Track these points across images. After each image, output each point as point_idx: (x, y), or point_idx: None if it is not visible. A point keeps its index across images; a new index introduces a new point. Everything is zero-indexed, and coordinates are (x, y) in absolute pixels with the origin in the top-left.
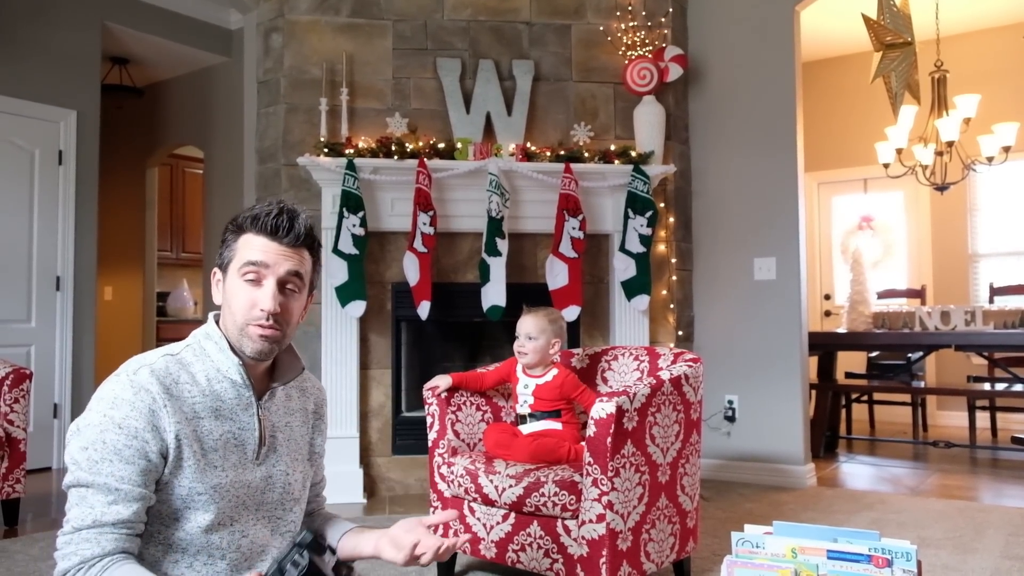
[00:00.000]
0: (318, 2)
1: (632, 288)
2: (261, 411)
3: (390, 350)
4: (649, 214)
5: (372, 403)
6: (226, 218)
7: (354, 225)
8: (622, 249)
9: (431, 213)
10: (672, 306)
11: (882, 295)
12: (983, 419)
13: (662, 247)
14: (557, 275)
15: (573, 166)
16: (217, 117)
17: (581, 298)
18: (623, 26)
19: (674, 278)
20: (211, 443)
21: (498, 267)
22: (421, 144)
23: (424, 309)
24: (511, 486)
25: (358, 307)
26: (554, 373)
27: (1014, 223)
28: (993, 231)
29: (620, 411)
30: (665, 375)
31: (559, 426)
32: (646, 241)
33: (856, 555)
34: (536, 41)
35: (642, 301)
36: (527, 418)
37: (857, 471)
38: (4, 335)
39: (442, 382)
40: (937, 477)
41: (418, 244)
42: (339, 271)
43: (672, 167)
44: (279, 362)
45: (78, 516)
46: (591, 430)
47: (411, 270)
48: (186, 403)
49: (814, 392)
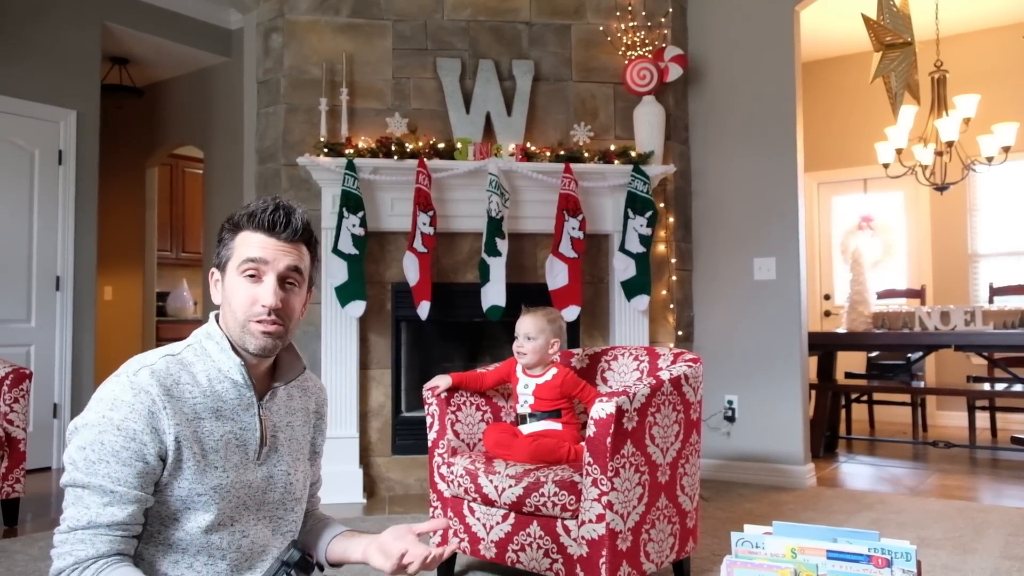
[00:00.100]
0: (318, 2)
1: (632, 288)
2: (262, 411)
3: (390, 350)
4: (649, 214)
5: (372, 403)
6: (226, 218)
7: (354, 225)
8: (622, 249)
9: (431, 213)
10: (672, 306)
11: (882, 295)
12: (983, 419)
13: (662, 247)
14: (557, 275)
15: (573, 166)
16: (217, 117)
17: (581, 298)
18: (623, 26)
19: (674, 278)
20: (212, 444)
21: (498, 267)
22: (421, 144)
23: (424, 309)
24: (511, 486)
25: (358, 307)
26: (554, 372)
27: (1014, 223)
28: (993, 231)
29: (620, 411)
30: (665, 375)
31: (559, 426)
32: (646, 241)
33: (856, 555)
34: (536, 41)
35: (642, 301)
36: (527, 418)
37: (857, 471)
38: (4, 335)
39: (442, 382)
40: (937, 477)
41: (418, 244)
42: (339, 271)
43: (672, 167)
44: (280, 361)
45: (74, 516)
46: (591, 430)
47: (411, 270)
48: (187, 404)
49: (814, 392)
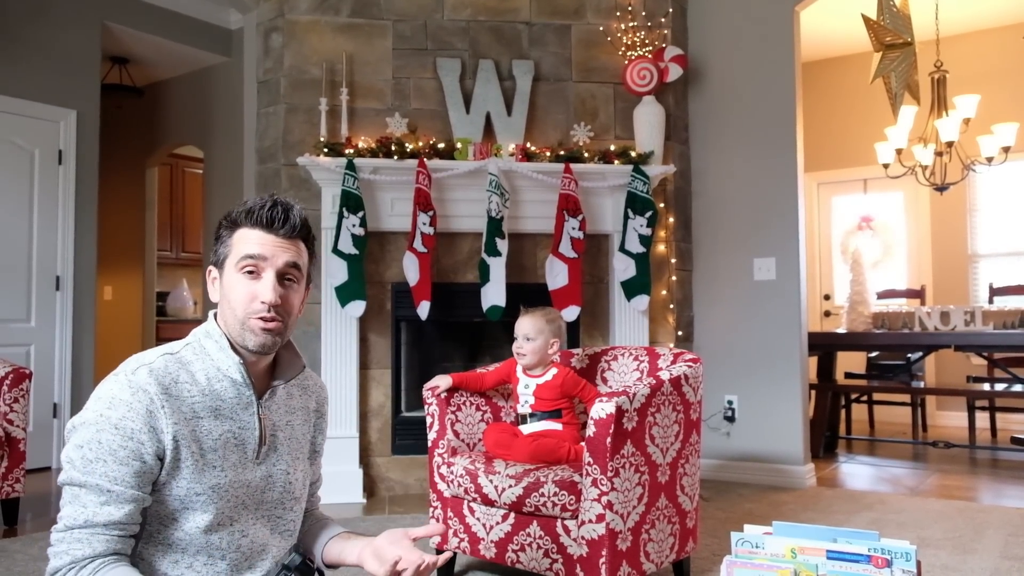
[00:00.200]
0: (318, 2)
1: (632, 288)
2: (262, 410)
3: (390, 350)
4: (649, 214)
5: (372, 403)
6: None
7: (354, 225)
8: (622, 249)
9: (431, 213)
10: (672, 306)
11: (882, 295)
12: (983, 419)
13: (662, 247)
14: (557, 275)
15: (573, 166)
16: (217, 117)
17: (581, 298)
18: (623, 26)
19: (674, 278)
20: (210, 443)
21: (498, 267)
22: (421, 144)
23: (424, 309)
24: (511, 486)
25: (358, 307)
26: (554, 372)
27: (1014, 223)
28: (993, 231)
29: (620, 411)
30: (665, 375)
31: (559, 426)
32: (646, 241)
33: (855, 555)
34: (536, 41)
35: (642, 301)
36: (528, 418)
37: (857, 471)
38: (4, 335)
39: (442, 382)
40: (936, 477)
41: (418, 244)
42: (339, 271)
43: (672, 167)
44: (280, 360)
45: (70, 515)
46: (591, 430)
47: (411, 270)
48: (185, 403)
49: (814, 392)
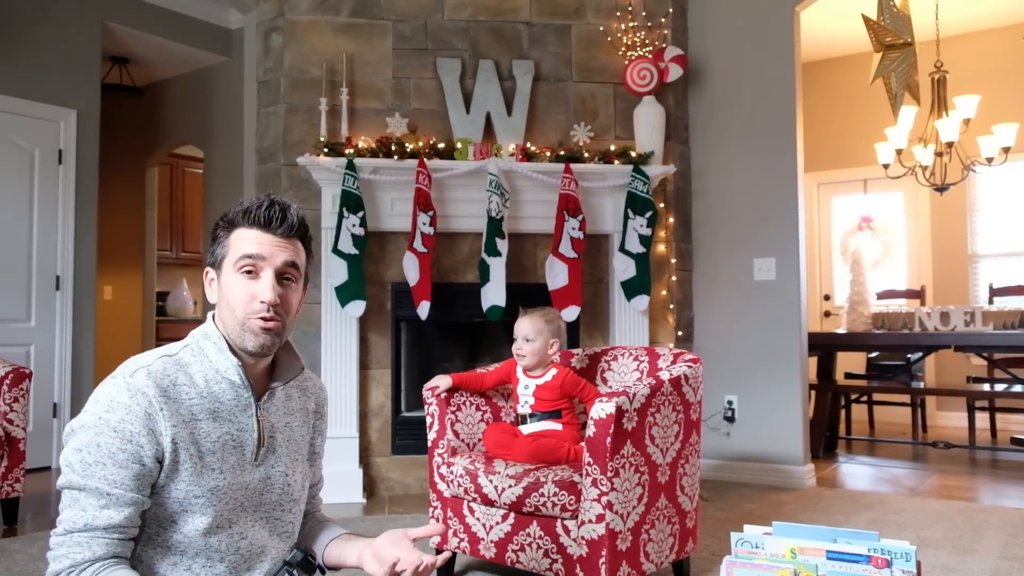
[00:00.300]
0: (318, 2)
1: (632, 288)
2: (260, 412)
3: (390, 350)
4: (649, 214)
5: (372, 403)
6: (220, 216)
7: (354, 225)
8: (622, 249)
9: (431, 213)
10: (672, 306)
11: (882, 296)
12: (982, 420)
13: (662, 247)
14: (557, 275)
15: (573, 166)
16: (217, 117)
17: (581, 298)
18: (623, 26)
19: (674, 278)
20: (208, 446)
21: (498, 267)
22: (421, 144)
23: (424, 309)
24: (511, 486)
25: (358, 307)
26: (554, 372)
27: (1014, 224)
28: (993, 232)
29: (619, 411)
30: (665, 375)
31: (559, 427)
32: (646, 241)
33: (855, 555)
34: (536, 41)
35: (642, 301)
36: (528, 418)
37: (856, 471)
38: (4, 335)
39: (442, 382)
40: (936, 478)
41: (418, 244)
42: (339, 271)
43: (672, 167)
44: (278, 361)
45: (70, 518)
46: (590, 430)
47: (411, 270)
48: (183, 405)
49: (814, 392)
